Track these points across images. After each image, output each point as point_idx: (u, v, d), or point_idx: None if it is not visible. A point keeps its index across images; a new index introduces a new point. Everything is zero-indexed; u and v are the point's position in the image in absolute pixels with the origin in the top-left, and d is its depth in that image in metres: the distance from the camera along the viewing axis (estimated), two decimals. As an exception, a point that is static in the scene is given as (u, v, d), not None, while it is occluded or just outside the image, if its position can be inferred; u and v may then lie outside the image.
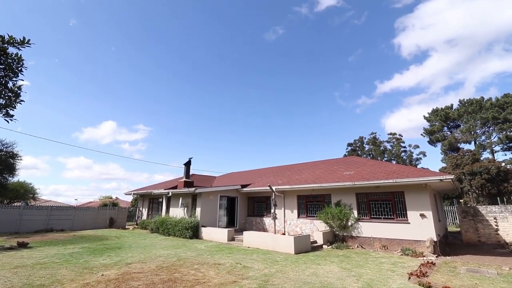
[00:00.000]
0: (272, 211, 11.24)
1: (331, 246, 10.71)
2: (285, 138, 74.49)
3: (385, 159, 36.01)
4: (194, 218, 13.49)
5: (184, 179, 16.57)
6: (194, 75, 70.69)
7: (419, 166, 33.22)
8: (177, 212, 14.99)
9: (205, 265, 7.22)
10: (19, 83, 4.71)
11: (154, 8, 60.14)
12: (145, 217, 19.39)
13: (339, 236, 11.42)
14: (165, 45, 67.33)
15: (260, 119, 73.64)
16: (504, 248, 10.55)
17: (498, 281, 5.91)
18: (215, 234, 12.54)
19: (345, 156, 31.31)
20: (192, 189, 13.87)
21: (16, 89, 4.66)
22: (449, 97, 62.72)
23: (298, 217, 13.30)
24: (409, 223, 9.86)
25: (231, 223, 15.41)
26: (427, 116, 35.51)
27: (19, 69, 4.56)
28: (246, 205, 16.28)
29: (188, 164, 17.04)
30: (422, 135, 35.99)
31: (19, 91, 4.70)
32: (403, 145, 36.71)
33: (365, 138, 39.43)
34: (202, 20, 62.27)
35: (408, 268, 7.06)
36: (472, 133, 31.03)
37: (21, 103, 4.81)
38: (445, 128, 34.00)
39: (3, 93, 4.57)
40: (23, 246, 9.89)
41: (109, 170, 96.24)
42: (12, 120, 4.74)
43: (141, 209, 20.39)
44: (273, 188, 12.02)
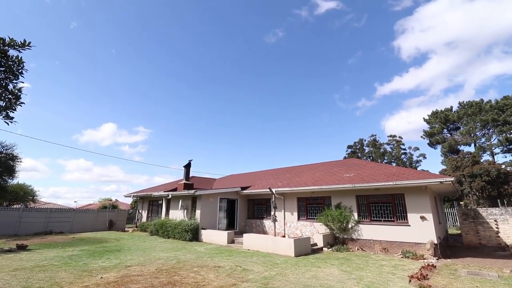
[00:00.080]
0: (272, 213, 11.22)
1: (331, 249, 10.67)
2: (285, 140, 74.62)
3: (385, 161, 35.99)
4: (194, 221, 13.45)
5: (184, 181, 16.54)
6: (194, 77, 70.97)
7: (419, 168, 33.20)
8: (177, 215, 14.95)
9: (204, 267, 7.19)
10: (19, 85, 4.72)
11: (154, 9, 60.49)
12: (144, 219, 19.33)
13: (339, 238, 11.38)
14: (165, 47, 67.67)
15: (260, 121, 73.83)
16: (505, 251, 10.51)
17: (499, 284, 5.88)
18: (215, 237, 12.50)
19: (345, 158, 31.31)
20: (192, 191, 13.83)
21: (16, 91, 4.67)
22: (448, 100, 62.85)
23: (298, 219, 13.26)
24: (409, 225, 9.84)
25: (231, 225, 15.36)
26: (427, 118, 35.54)
27: (19, 71, 4.57)
28: (246, 207, 16.24)
29: (188, 166, 17.02)
30: (422, 137, 36.01)
31: (19, 93, 4.71)
32: (403, 147, 36.75)
33: (365, 140, 39.45)
34: (202, 22, 62.63)
35: (409, 271, 7.03)
36: (472, 135, 31.04)
37: (21, 105, 4.81)
38: (445, 130, 34.00)
39: (3, 95, 4.58)
40: (22, 248, 9.86)
41: (109, 172, 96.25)
42: (12, 122, 4.74)
43: (140, 211, 20.33)
44: (273, 190, 12.00)
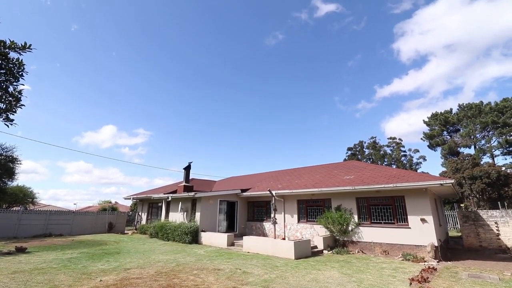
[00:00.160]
0: (272, 215, 11.19)
1: (331, 251, 10.63)
2: (285, 143, 74.66)
3: (385, 163, 35.94)
4: (194, 223, 13.41)
5: (183, 184, 16.52)
6: (194, 79, 71.16)
7: (419, 171, 33.17)
8: (177, 217, 14.91)
9: (204, 270, 7.16)
10: (19, 87, 4.75)
11: (154, 9, 60.79)
12: (144, 221, 19.26)
13: (340, 241, 11.34)
14: (165, 48, 67.94)
15: (260, 123, 73.92)
16: (506, 253, 10.47)
17: (500, 286, 5.85)
18: (215, 239, 12.45)
19: (345, 161, 31.24)
20: (192, 194, 13.81)
21: (16, 93, 4.69)
22: (448, 102, 63.14)
23: (298, 221, 13.23)
24: (409, 228, 9.81)
25: (230, 228, 15.30)
26: (426, 120, 35.58)
27: (20, 74, 4.59)
28: (246, 209, 16.21)
29: (187, 169, 17.01)
30: (422, 139, 36.03)
31: (19, 96, 4.73)
32: (403, 149, 36.68)
33: (365, 142, 39.39)
34: (202, 24, 62.93)
35: (409, 273, 7.00)
36: (472, 137, 31.06)
37: (21, 108, 4.83)
38: (445, 133, 34.03)
39: (3, 97, 4.60)
40: (21, 251, 9.82)
41: (109, 175, 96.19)
42: (12, 125, 4.75)
43: (140, 213, 20.27)
44: (273, 192, 11.98)
